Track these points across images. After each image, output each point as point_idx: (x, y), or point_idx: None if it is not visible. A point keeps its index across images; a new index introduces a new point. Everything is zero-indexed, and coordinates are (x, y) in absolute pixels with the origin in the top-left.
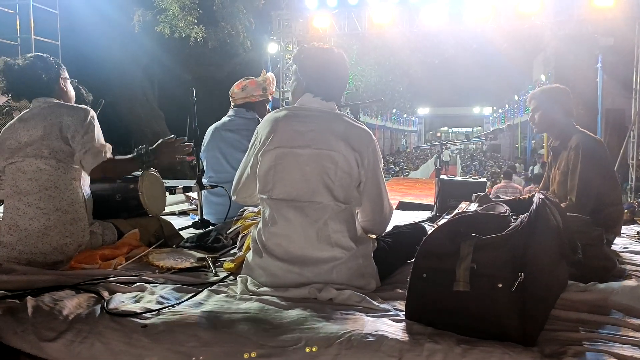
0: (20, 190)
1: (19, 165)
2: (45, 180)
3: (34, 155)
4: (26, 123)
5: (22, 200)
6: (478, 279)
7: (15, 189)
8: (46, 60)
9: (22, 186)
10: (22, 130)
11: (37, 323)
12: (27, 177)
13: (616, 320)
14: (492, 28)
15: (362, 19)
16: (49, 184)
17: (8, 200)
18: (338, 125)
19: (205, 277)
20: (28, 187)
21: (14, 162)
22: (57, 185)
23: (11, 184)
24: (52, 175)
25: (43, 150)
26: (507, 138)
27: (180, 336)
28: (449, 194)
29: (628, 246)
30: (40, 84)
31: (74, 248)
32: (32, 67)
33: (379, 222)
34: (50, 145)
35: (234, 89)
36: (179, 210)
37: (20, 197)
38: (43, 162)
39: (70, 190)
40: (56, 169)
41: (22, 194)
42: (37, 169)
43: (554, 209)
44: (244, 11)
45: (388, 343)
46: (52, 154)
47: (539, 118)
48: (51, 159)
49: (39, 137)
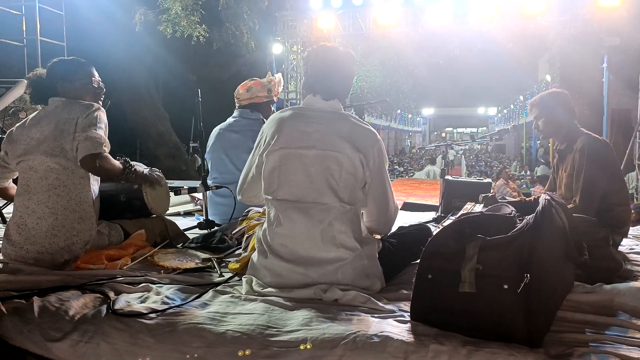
0: (31, 189)
1: (31, 164)
2: (54, 179)
3: (45, 153)
4: (39, 121)
5: (31, 199)
6: (483, 280)
7: (26, 187)
8: (62, 63)
9: (33, 185)
10: (34, 128)
11: (43, 323)
12: (38, 176)
13: (622, 322)
14: (497, 28)
15: (367, 20)
16: (57, 182)
17: (18, 199)
18: (343, 125)
19: (210, 277)
20: (38, 186)
21: (26, 160)
22: (66, 184)
23: (22, 183)
24: (60, 174)
25: (55, 148)
26: (512, 138)
27: (185, 336)
28: (454, 194)
29: (635, 247)
30: (50, 87)
31: (81, 246)
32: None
33: (383, 222)
34: (61, 143)
35: (239, 90)
36: (184, 211)
37: (30, 196)
38: (53, 161)
39: (78, 189)
40: (65, 167)
41: (32, 193)
42: (48, 168)
43: (559, 210)
44: (249, 12)
45: (393, 344)
46: (63, 152)
47: (544, 125)
48: (61, 157)
49: (50, 134)
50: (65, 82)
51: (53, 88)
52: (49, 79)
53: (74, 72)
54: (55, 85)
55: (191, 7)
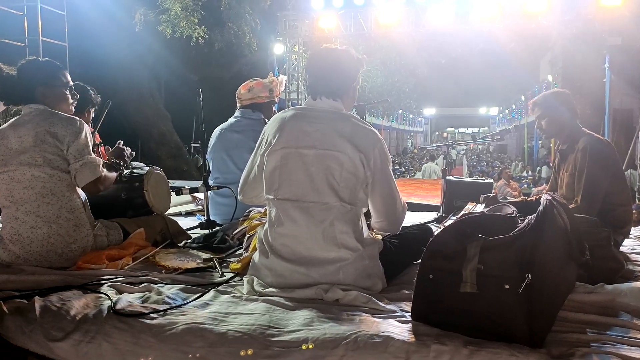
0: (16, 199)
1: (12, 175)
2: (41, 188)
3: (27, 164)
4: (16, 130)
5: (20, 210)
6: (485, 280)
7: (10, 199)
8: (40, 65)
9: (18, 195)
10: (12, 137)
11: (45, 323)
12: (22, 186)
13: (624, 322)
14: (499, 28)
15: (368, 20)
16: (45, 191)
17: (5, 211)
18: (344, 125)
19: (211, 277)
20: (24, 195)
21: (6, 171)
22: (54, 192)
23: (6, 194)
24: (47, 182)
25: (37, 159)
26: (513, 138)
27: (187, 336)
28: (455, 194)
29: (636, 247)
30: (29, 90)
31: (79, 253)
32: (20, 73)
33: (393, 221)
34: (43, 153)
35: (240, 90)
36: (186, 211)
37: (17, 207)
38: (38, 170)
39: (67, 196)
40: (51, 176)
41: (18, 203)
42: (32, 177)
43: (561, 210)
44: (250, 12)
45: (394, 344)
46: (46, 161)
47: (547, 125)
48: (45, 166)
49: (30, 144)
50: (46, 88)
51: (31, 92)
52: (27, 82)
53: (53, 76)
54: (34, 90)
55: (191, 8)
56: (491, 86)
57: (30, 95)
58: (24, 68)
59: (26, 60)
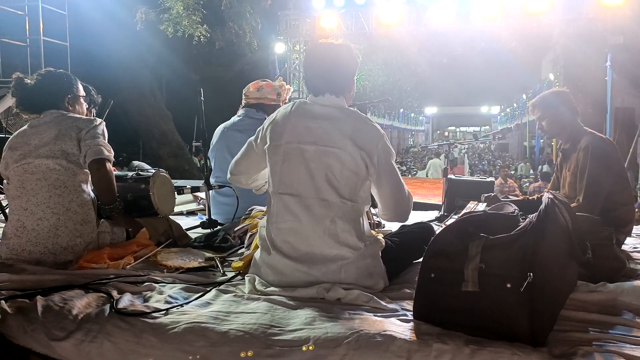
0: (28, 190)
1: (26, 167)
2: (55, 180)
3: (45, 156)
4: (37, 128)
5: (30, 201)
6: (487, 279)
7: (22, 189)
8: (57, 77)
9: (30, 186)
10: (33, 135)
11: (47, 322)
12: (35, 178)
13: (626, 321)
14: (500, 27)
15: (370, 19)
16: (58, 183)
17: (14, 202)
18: (346, 123)
19: (213, 276)
20: (36, 186)
21: (22, 164)
22: (67, 186)
23: (17, 185)
24: (61, 175)
25: (55, 151)
26: (515, 137)
27: (188, 336)
28: (456, 193)
29: (638, 246)
30: (50, 100)
31: (83, 248)
32: (41, 85)
33: (401, 212)
34: (62, 145)
35: (250, 88)
36: (187, 210)
37: (28, 198)
38: (54, 162)
39: (79, 192)
40: (66, 169)
41: (30, 194)
42: (47, 169)
43: (563, 209)
44: (251, 11)
45: (396, 343)
46: (64, 155)
47: (548, 125)
48: (62, 159)
49: (52, 138)
50: (71, 97)
51: (58, 100)
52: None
53: (75, 86)
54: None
55: (193, 6)
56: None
57: (55, 103)
58: (49, 79)
59: (45, 71)
